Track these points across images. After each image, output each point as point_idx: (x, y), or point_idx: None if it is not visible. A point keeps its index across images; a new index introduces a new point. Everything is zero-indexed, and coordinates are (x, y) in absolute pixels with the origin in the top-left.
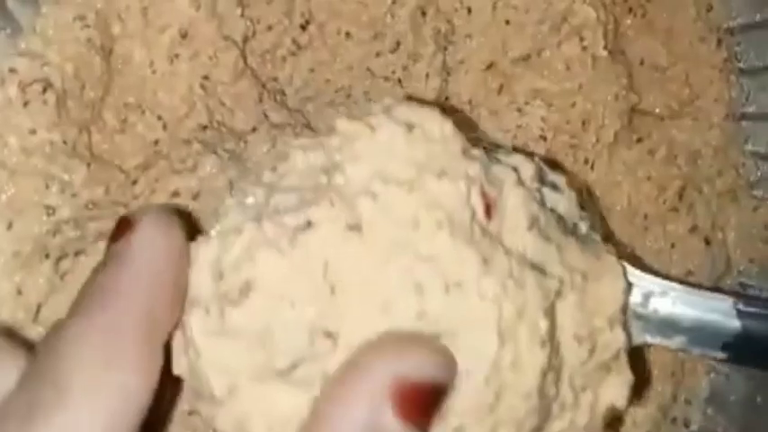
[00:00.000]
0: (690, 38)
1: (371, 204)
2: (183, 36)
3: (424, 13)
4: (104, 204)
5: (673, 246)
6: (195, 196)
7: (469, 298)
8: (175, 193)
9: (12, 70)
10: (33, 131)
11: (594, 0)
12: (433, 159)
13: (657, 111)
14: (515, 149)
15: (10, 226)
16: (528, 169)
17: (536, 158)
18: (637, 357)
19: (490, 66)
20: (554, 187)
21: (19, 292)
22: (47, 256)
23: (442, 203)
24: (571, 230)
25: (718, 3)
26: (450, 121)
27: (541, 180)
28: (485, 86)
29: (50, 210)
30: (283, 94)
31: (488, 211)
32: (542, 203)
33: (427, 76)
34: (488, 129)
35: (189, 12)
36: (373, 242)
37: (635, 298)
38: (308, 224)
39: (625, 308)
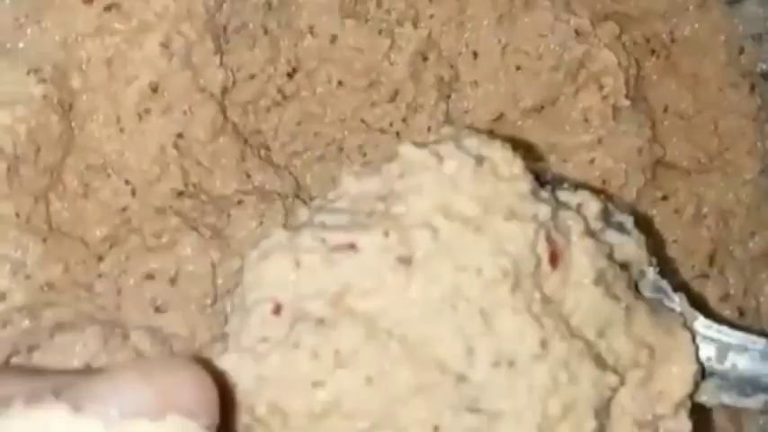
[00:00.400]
0: (719, 83)
1: (431, 240)
2: (154, 89)
3: (425, 59)
4: (63, 286)
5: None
6: (173, 281)
7: (518, 384)
8: (149, 276)
9: None
10: None
11: (614, 43)
12: (500, 198)
13: (684, 164)
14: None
15: None
16: (593, 207)
17: (602, 196)
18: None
19: (499, 117)
20: (620, 228)
21: None
22: None
23: (508, 249)
24: (638, 278)
25: (751, 45)
26: (521, 159)
27: (606, 220)
28: None
29: (0, 295)
30: (268, 149)
31: (554, 258)
32: (611, 257)
33: (429, 128)
34: None
35: (160, 62)
36: (425, 282)
37: (709, 352)
38: (351, 246)
39: (693, 392)
